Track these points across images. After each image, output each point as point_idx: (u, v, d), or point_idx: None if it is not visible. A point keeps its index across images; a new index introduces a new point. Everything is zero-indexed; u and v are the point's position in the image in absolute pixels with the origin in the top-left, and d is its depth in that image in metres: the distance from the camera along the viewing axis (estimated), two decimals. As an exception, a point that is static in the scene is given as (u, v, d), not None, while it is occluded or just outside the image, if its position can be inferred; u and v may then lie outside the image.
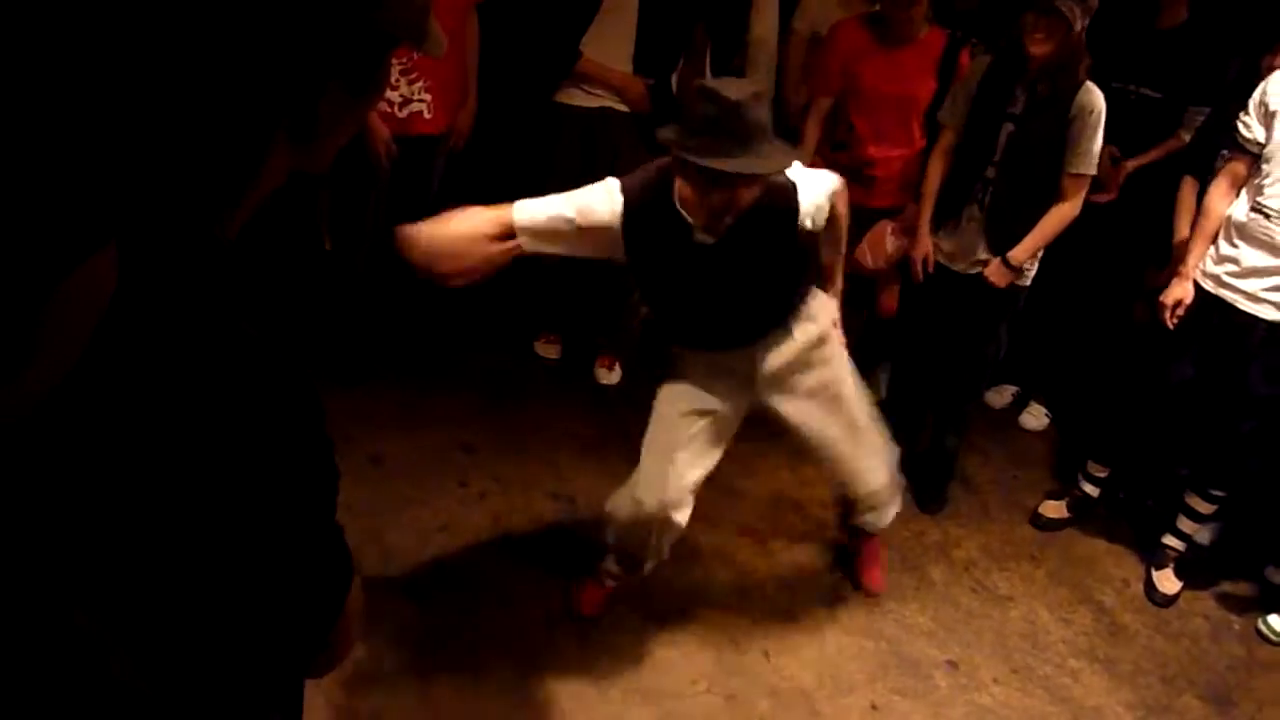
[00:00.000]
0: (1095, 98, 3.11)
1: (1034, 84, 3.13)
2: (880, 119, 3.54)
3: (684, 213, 2.31)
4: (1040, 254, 3.34)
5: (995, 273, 3.31)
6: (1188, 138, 3.63)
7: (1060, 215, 3.23)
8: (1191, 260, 3.20)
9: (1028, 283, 3.39)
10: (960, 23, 3.65)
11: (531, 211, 2.30)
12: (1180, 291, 3.20)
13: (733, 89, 2.17)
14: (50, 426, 0.65)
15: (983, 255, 3.34)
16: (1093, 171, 3.18)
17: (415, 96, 3.45)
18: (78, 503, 0.67)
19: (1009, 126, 3.21)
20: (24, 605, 0.66)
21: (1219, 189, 3.17)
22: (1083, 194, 3.21)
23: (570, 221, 2.30)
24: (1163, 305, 3.23)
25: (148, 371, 0.68)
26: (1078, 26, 2.99)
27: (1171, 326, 3.21)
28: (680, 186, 2.27)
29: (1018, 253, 3.27)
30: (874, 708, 2.79)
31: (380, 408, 3.64)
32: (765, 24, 3.77)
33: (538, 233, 2.29)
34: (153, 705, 0.73)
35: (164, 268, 0.70)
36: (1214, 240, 3.16)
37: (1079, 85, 3.10)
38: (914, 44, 3.48)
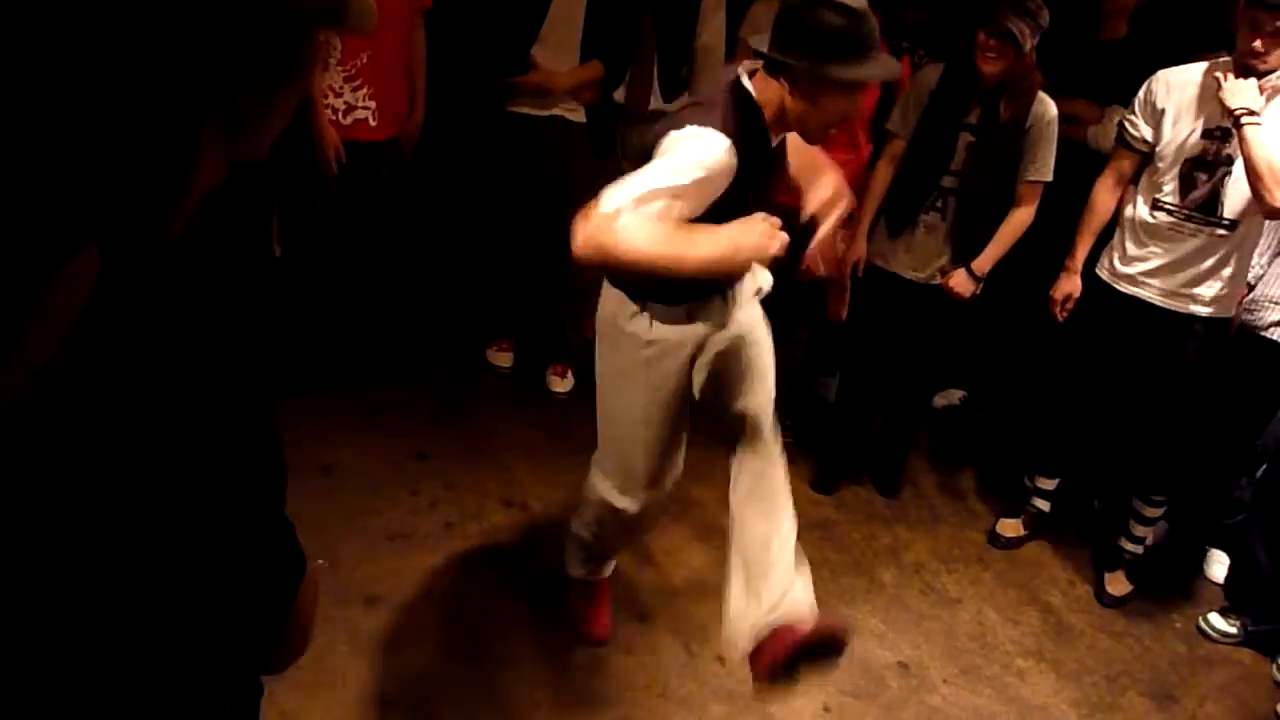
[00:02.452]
0: (1049, 107, 3.21)
1: (989, 100, 3.20)
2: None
3: (771, 131, 2.20)
4: None
5: (960, 283, 3.36)
6: (1092, 131, 3.71)
7: (1019, 222, 3.31)
8: (1078, 254, 3.32)
9: (979, 290, 3.45)
10: (910, 35, 3.71)
11: (635, 214, 1.95)
12: (1069, 286, 3.33)
13: None
14: (25, 415, 0.66)
15: (941, 264, 3.40)
16: (1048, 178, 3.26)
17: (360, 104, 3.44)
18: (50, 493, 0.68)
19: (967, 137, 3.26)
20: (11, 601, 0.66)
21: (1105, 184, 3.28)
22: (1038, 200, 3.29)
23: (694, 187, 2.02)
24: (1052, 300, 3.35)
25: (103, 364, 0.69)
26: (1027, 46, 3.06)
27: (1060, 319, 3.34)
28: (795, 106, 2.12)
29: (982, 262, 3.34)
30: (826, 709, 2.81)
31: (331, 416, 3.61)
32: (712, 32, 3.80)
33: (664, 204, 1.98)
34: (120, 696, 0.73)
35: (114, 267, 0.70)
36: (1122, 238, 3.25)
37: (1033, 97, 3.19)
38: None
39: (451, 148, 3.95)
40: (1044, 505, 3.71)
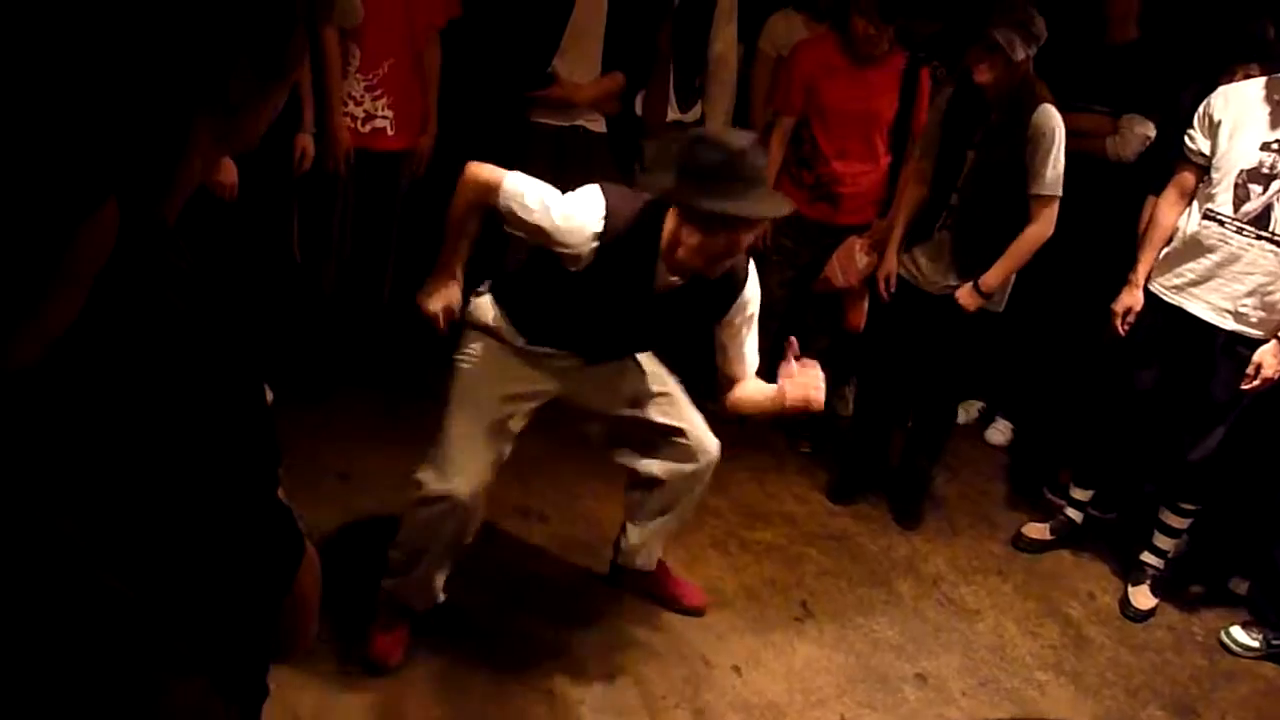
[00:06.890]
0: (1050, 118, 3.15)
1: (989, 115, 3.18)
2: (844, 136, 3.59)
3: (664, 261, 2.33)
4: (1012, 280, 3.37)
5: (966, 297, 3.33)
6: (1110, 142, 3.68)
7: (1030, 239, 3.25)
8: (1141, 268, 3.28)
9: (1000, 309, 3.42)
10: (924, 47, 3.71)
11: (522, 188, 2.39)
12: (1130, 299, 3.29)
13: (734, 137, 2.25)
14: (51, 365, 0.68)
15: (953, 280, 3.38)
16: (1057, 192, 3.20)
17: (378, 113, 3.46)
18: (58, 436, 0.69)
19: (971, 154, 3.26)
20: (16, 513, 0.68)
21: (1168, 199, 3.26)
22: (1051, 214, 3.22)
23: (547, 224, 2.33)
24: (1113, 313, 3.32)
25: (98, 330, 0.71)
26: (1018, 56, 3.05)
27: (1122, 334, 3.30)
28: (678, 232, 2.26)
29: (989, 278, 3.29)
30: (843, 721, 2.80)
31: (349, 423, 3.62)
32: (724, 41, 3.82)
33: (518, 208, 2.37)
34: (135, 607, 0.74)
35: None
36: (1165, 249, 3.23)
37: (1032, 109, 3.15)
38: (877, 63, 3.53)
39: (472, 157, 3.95)
40: (1076, 516, 3.69)
